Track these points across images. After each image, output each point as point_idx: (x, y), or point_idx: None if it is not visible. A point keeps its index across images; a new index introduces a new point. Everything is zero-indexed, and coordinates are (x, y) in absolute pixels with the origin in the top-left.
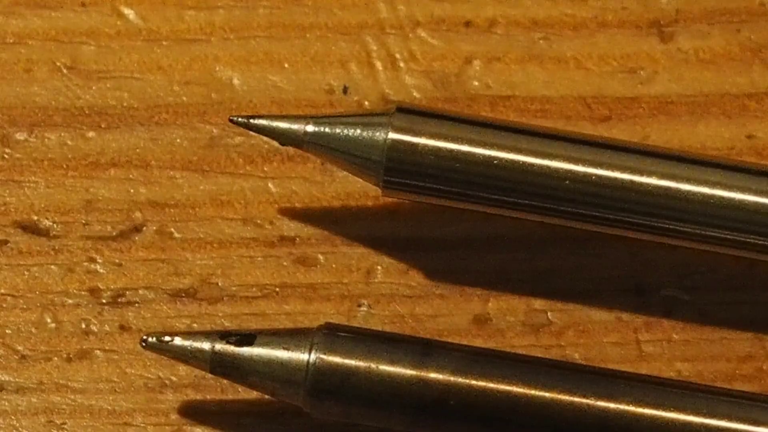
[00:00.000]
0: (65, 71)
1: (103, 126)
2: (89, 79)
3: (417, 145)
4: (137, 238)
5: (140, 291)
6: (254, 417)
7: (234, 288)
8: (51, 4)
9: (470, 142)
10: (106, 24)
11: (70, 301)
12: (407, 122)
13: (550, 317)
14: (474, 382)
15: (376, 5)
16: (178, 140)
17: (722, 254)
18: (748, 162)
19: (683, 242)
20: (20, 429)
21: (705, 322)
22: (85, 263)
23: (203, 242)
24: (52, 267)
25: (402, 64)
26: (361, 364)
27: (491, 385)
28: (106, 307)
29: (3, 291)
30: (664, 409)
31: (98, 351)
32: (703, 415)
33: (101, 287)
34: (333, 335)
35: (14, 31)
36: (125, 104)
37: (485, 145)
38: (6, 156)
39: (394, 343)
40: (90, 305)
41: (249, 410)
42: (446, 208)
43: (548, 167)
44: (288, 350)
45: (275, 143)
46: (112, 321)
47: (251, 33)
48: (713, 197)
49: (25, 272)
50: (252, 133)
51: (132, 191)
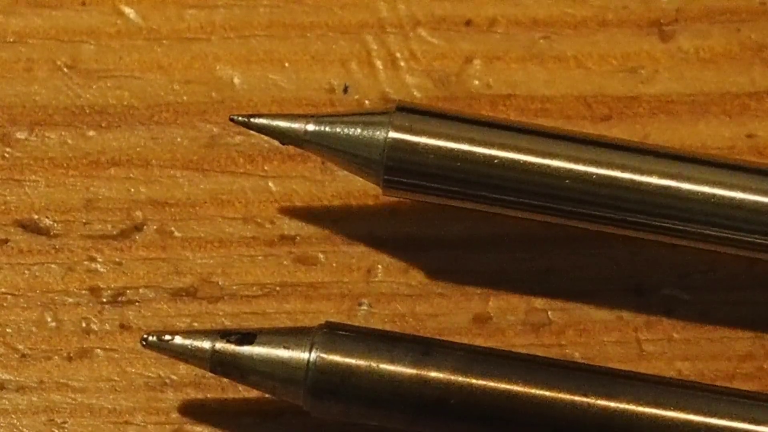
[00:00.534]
0: (66, 70)
1: (104, 125)
2: (90, 78)
3: (417, 145)
4: (138, 237)
5: (141, 290)
6: (254, 416)
7: (234, 287)
8: (51, 3)
9: (470, 142)
10: (107, 23)
11: (71, 300)
12: (407, 121)
13: (551, 316)
14: (474, 381)
15: (377, 4)
16: (179, 139)
17: (723, 253)
18: (749, 161)
19: (684, 241)
20: (21, 428)
21: (705, 322)
22: (86, 262)
23: (204, 241)
24: (53, 266)
25: (402, 63)
26: (362, 363)
27: (491, 384)
28: (107, 306)
29: (3, 290)
30: (665, 408)
31: (99, 350)
32: (704, 414)
33: (102, 286)
34: (333, 334)
35: (15, 30)
36: (125, 103)
37: (485, 145)
38: (6, 155)
39: (395, 342)
40: (90, 304)
41: (249, 409)
42: (447, 207)
43: (549, 166)
44: (288, 349)
45: (276, 142)
46: (113, 320)
47: (252, 32)
48: (714, 196)
49: (26, 271)
50: (252, 132)
51: (132, 190)
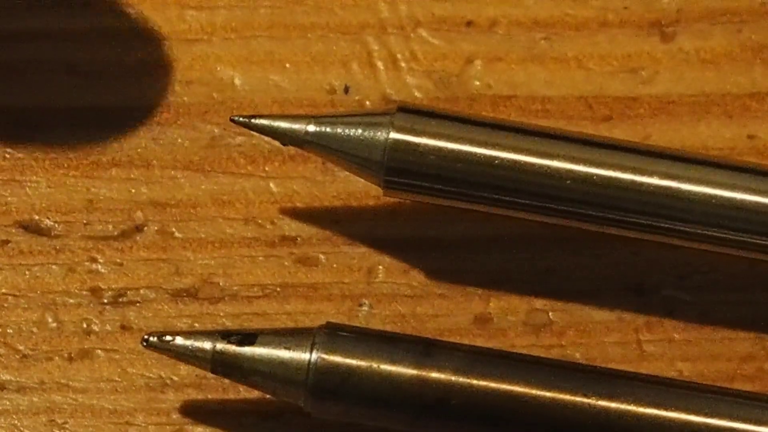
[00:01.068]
0: (66, 70)
1: (104, 126)
2: (90, 79)
3: (418, 145)
4: (138, 238)
5: (141, 290)
6: (255, 416)
7: (235, 288)
8: (52, 3)
9: (471, 142)
10: (108, 23)
11: (72, 301)
12: (408, 122)
13: (552, 317)
14: (475, 382)
15: (378, 5)
16: (180, 140)
17: (723, 254)
18: (750, 162)
19: (684, 242)
20: (21, 428)
21: (706, 322)
22: (87, 263)
23: (204, 242)
24: (54, 267)
25: (403, 64)
26: (362, 364)
27: (492, 385)
28: (108, 307)
29: (4, 290)
30: (666, 409)
31: (99, 350)
32: (705, 415)
33: (102, 287)
34: (334, 335)
35: (15, 30)
36: (126, 104)
37: (486, 145)
38: (7, 156)
39: (395, 343)
40: (91, 305)
41: (250, 410)
42: (447, 208)
43: (549, 167)
44: (289, 350)
45: (276, 143)
46: (114, 320)
47: (252, 33)
48: (714, 197)
49: (27, 272)
50: (253, 133)
51: (133, 191)
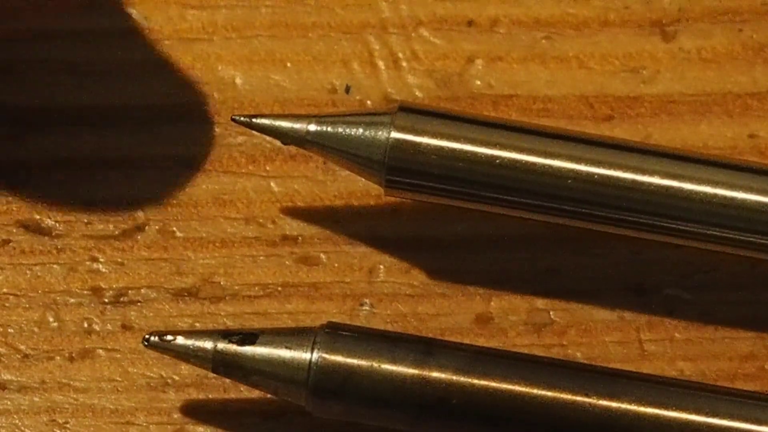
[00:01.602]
0: (67, 70)
1: (105, 125)
2: (91, 78)
3: (419, 145)
4: (139, 238)
5: (142, 290)
6: (256, 416)
7: (236, 287)
8: (53, 4)
9: (472, 142)
10: (109, 23)
11: (73, 301)
12: (409, 121)
13: (553, 316)
14: (476, 382)
15: (379, 4)
16: (181, 139)
17: (724, 253)
18: (750, 161)
19: (685, 241)
20: (23, 428)
21: (707, 322)
22: (88, 262)
23: (205, 241)
24: (55, 266)
25: (404, 64)
26: (363, 364)
27: (493, 385)
28: (109, 307)
29: (5, 290)
30: (666, 408)
31: (100, 350)
32: (705, 414)
33: (103, 286)
34: (335, 334)
35: (15, 30)
36: (127, 103)
37: (487, 145)
38: (8, 155)
39: (396, 342)
40: (92, 304)
41: (251, 409)
42: (448, 208)
43: (550, 166)
44: (290, 349)
45: (278, 142)
46: (115, 320)
47: (254, 32)
48: (715, 196)
49: (28, 271)
50: (254, 133)
51: (134, 190)
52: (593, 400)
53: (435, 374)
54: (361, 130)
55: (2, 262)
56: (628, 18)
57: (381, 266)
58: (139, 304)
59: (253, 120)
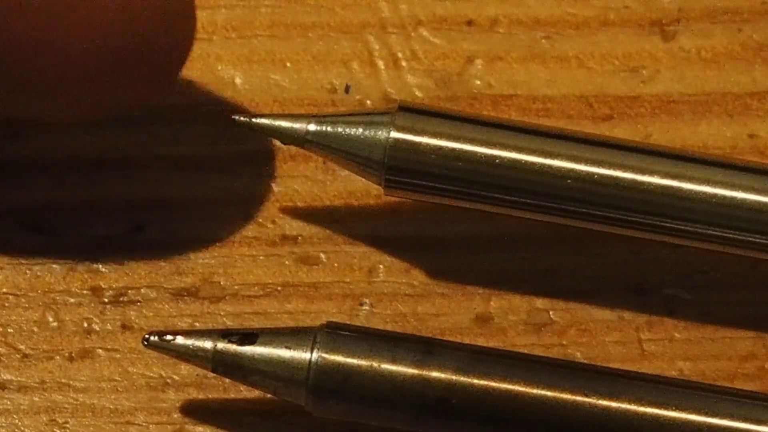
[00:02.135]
0: None
1: (105, 125)
2: None
3: (419, 144)
4: (139, 237)
5: (142, 290)
6: (256, 416)
7: (236, 287)
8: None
9: (472, 141)
10: None
11: (72, 300)
12: (409, 121)
13: (552, 316)
14: (476, 381)
15: (378, 4)
16: (181, 139)
17: (724, 253)
18: (750, 161)
19: (685, 241)
20: (22, 428)
21: (707, 321)
22: (87, 262)
23: (205, 241)
24: (54, 266)
25: (404, 63)
26: (363, 363)
27: (493, 384)
28: (108, 306)
29: (5, 290)
30: (666, 408)
31: (100, 350)
32: (705, 414)
33: (103, 286)
34: (335, 334)
35: None
36: None
37: (487, 144)
38: (8, 155)
39: (396, 342)
40: (92, 304)
41: (251, 409)
42: (448, 207)
43: (550, 166)
44: (290, 349)
45: (277, 142)
46: (114, 320)
47: (253, 32)
48: (715, 196)
49: (27, 271)
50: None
51: (134, 190)
52: (593, 400)
53: (435, 374)
54: (361, 130)
55: (2, 262)
56: (628, 18)
57: (381, 266)
58: (139, 304)
59: (253, 120)
